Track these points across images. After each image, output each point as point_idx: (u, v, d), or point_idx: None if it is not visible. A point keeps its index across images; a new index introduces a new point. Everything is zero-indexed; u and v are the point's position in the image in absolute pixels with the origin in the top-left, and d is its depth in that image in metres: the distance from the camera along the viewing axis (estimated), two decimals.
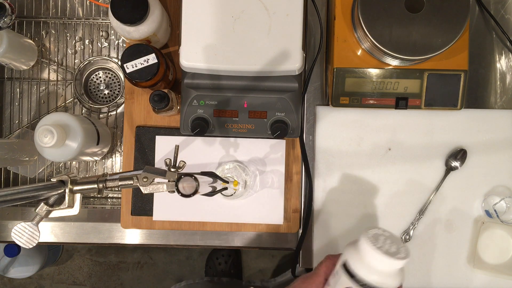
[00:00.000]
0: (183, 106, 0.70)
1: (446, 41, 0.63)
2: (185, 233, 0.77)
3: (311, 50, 0.77)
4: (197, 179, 0.52)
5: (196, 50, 0.65)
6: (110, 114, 0.88)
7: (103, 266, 1.60)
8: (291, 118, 0.69)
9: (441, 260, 0.74)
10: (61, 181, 0.52)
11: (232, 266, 1.51)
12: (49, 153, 0.70)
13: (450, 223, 0.74)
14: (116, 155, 0.88)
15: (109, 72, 0.90)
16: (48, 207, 0.52)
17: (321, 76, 0.77)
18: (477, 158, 0.74)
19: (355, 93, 0.71)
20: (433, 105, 0.71)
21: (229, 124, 0.70)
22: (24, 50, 0.83)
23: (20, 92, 0.88)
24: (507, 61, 0.77)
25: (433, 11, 0.64)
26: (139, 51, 0.64)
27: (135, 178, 0.53)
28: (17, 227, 0.51)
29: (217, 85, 0.68)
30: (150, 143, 0.75)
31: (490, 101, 0.77)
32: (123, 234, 0.78)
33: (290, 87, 0.68)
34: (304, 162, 0.73)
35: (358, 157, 0.75)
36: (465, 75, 0.70)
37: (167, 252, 1.58)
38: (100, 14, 0.88)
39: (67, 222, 0.79)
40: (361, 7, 0.64)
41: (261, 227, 0.75)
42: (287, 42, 0.64)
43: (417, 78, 0.70)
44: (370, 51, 0.68)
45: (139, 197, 0.75)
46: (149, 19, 0.65)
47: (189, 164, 0.73)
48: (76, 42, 0.89)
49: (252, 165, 0.74)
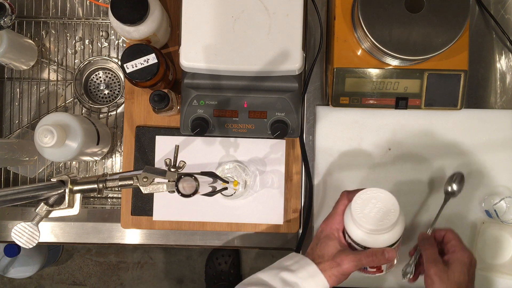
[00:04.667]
0: (183, 106, 0.70)
1: (446, 41, 0.63)
2: (185, 233, 0.77)
3: (311, 50, 0.77)
4: (197, 179, 0.52)
5: (196, 50, 0.65)
6: (110, 114, 0.88)
7: (103, 266, 1.60)
8: (291, 118, 0.69)
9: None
10: (61, 181, 0.53)
11: (232, 266, 1.51)
12: (49, 153, 0.70)
13: (450, 223, 0.74)
14: (116, 155, 0.88)
15: (109, 72, 0.90)
16: (48, 207, 0.52)
17: (321, 76, 0.77)
18: (477, 158, 0.74)
19: (355, 93, 0.71)
20: (433, 105, 0.71)
21: (229, 124, 0.70)
22: (24, 50, 0.83)
23: (20, 92, 0.88)
24: (507, 61, 0.77)
25: (433, 11, 0.64)
26: (139, 51, 0.64)
27: (135, 178, 0.53)
28: (17, 227, 0.51)
29: (217, 85, 0.68)
30: (150, 143, 0.75)
31: (490, 101, 0.77)
32: (123, 234, 0.78)
33: (290, 87, 0.68)
34: (304, 162, 0.73)
35: (358, 157, 0.74)
36: (465, 75, 0.70)
37: (167, 252, 1.58)
38: (100, 14, 0.88)
39: (67, 222, 0.79)
40: (361, 7, 0.64)
41: (261, 227, 0.75)
42: (287, 42, 0.64)
43: (417, 78, 0.70)
44: (370, 51, 0.68)
45: (139, 197, 0.75)
46: (149, 19, 0.65)
47: (189, 164, 0.73)
48: (76, 42, 0.89)
49: (252, 165, 0.74)
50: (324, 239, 0.59)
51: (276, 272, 0.57)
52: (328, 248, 0.58)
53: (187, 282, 1.58)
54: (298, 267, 0.56)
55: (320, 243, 0.59)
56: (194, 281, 1.58)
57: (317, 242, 0.59)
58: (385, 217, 0.54)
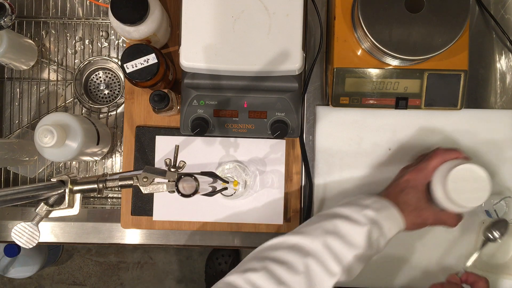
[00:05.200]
0: (183, 106, 0.70)
1: (446, 41, 0.63)
2: (185, 233, 0.77)
3: (311, 50, 0.77)
4: (197, 179, 0.52)
5: (196, 50, 0.65)
6: (110, 114, 0.88)
7: (103, 266, 1.60)
8: (291, 118, 0.70)
9: (441, 260, 0.74)
10: (61, 181, 0.53)
11: (232, 266, 1.51)
12: (49, 153, 0.70)
13: None
14: (116, 155, 0.88)
15: (109, 72, 0.90)
16: (48, 207, 0.52)
17: (321, 76, 0.77)
18: (477, 158, 0.74)
19: (355, 93, 0.71)
20: (433, 105, 0.71)
21: (229, 124, 0.70)
22: (24, 50, 0.83)
23: (20, 92, 0.88)
24: (507, 61, 0.77)
25: (433, 11, 0.64)
26: (139, 51, 0.64)
27: (135, 178, 0.53)
28: (17, 227, 0.51)
29: (217, 85, 0.68)
30: (150, 143, 0.75)
31: (490, 101, 0.77)
32: (123, 234, 0.78)
33: (290, 87, 0.68)
34: (304, 162, 0.73)
35: (358, 157, 0.74)
36: (465, 75, 0.70)
37: (167, 252, 1.58)
38: (100, 14, 0.88)
39: (67, 222, 0.79)
40: (361, 7, 0.64)
41: (261, 227, 0.75)
42: (287, 42, 0.64)
43: (417, 78, 0.70)
44: (370, 51, 0.69)
45: (139, 197, 0.75)
46: (149, 19, 0.65)
47: (189, 164, 0.73)
48: (76, 42, 0.89)
49: (252, 165, 0.74)
50: (411, 189, 0.62)
51: (358, 208, 0.59)
52: (414, 198, 0.62)
53: (187, 282, 1.58)
54: (380, 207, 0.59)
55: (405, 191, 0.62)
56: (194, 281, 1.58)
57: (401, 189, 0.63)
58: (473, 195, 0.59)
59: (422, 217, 0.61)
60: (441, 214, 0.63)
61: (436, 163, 0.63)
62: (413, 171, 0.64)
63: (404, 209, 0.61)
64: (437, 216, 0.62)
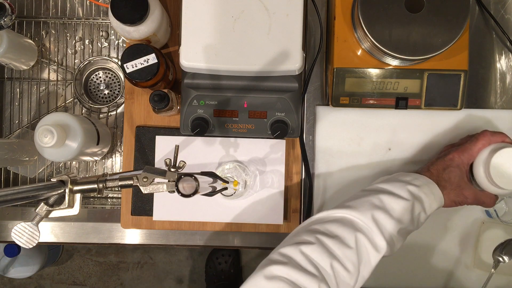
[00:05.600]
0: (183, 106, 0.70)
1: (446, 41, 0.63)
2: (185, 233, 0.77)
3: (311, 50, 0.77)
4: (197, 179, 0.52)
5: (196, 50, 0.65)
6: (110, 114, 0.88)
7: (103, 266, 1.60)
8: (291, 118, 0.70)
9: (441, 260, 0.74)
10: (61, 181, 0.53)
11: (232, 266, 1.51)
12: (49, 153, 0.70)
13: (450, 223, 0.74)
14: (116, 155, 0.88)
15: (109, 72, 0.90)
16: (48, 207, 0.52)
17: (321, 76, 0.77)
18: None
19: (355, 93, 0.71)
20: (433, 105, 0.71)
21: (229, 124, 0.70)
22: (24, 50, 0.83)
23: (20, 92, 0.88)
24: (507, 61, 0.77)
25: (433, 11, 0.64)
26: (139, 51, 0.64)
27: (135, 178, 0.53)
28: (17, 227, 0.51)
29: (217, 85, 0.68)
30: (150, 143, 0.75)
31: (490, 101, 0.77)
32: (123, 234, 0.78)
33: (290, 87, 0.68)
34: (304, 162, 0.73)
35: (358, 157, 0.74)
36: (465, 75, 0.70)
37: (167, 252, 1.58)
38: (100, 14, 0.88)
39: (67, 222, 0.79)
40: (361, 7, 0.64)
41: (261, 227, 0.75)
42: (287, 42, 0.64)
43: (417, 78, 0.70)
44: (370, 51, 0.69)
45: (139, 197, 0.75)
46: (149, 19, 0.65)
47: (189, 164, 0.73)
48: (76, 42, 0.89)
49: (252, 165, 0.74)
50: (455, 168, 0.63)
51: (401, 184, 0.60)
52: (457, 177, 0.63)
53: (187, 282, 1.58)
54: (422, 184, 0.60)
55: (449, 169, 0.63)
56: (194, 281, 1.58)
57: (444, 167, 0.64)
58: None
59: (462, 196, 0.63)
60: (480, 194, 0.64)
61: (481, 145, 0.64)
62: (459, 151, 0.65)
63: (446, 187, 0.62)
64: (477, 196, 0.63)
